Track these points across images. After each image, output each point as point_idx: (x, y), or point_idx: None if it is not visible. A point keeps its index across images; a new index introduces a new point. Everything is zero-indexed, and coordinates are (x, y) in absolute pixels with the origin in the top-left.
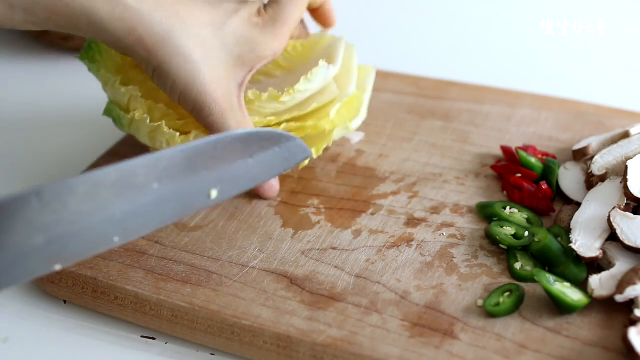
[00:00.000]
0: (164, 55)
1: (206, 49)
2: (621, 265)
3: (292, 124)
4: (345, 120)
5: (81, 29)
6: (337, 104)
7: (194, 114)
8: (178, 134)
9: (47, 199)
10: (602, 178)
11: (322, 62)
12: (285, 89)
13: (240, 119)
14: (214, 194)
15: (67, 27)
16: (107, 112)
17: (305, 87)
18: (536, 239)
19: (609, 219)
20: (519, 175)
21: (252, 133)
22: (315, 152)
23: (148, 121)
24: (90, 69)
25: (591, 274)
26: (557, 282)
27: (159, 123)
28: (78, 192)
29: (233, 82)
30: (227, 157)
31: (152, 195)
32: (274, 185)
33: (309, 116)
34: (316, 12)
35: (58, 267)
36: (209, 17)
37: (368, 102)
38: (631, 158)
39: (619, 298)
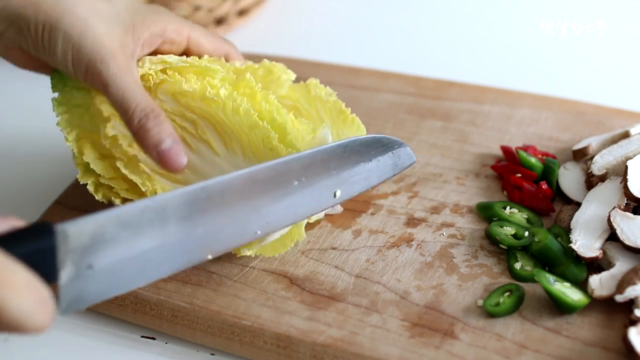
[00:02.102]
0: (50, 6)
1: (100, 15)
2: (621, 265)
3: None
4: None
5: None
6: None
7: (89, 75)
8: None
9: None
10: (602, 178)
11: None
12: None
13: (135, 83)
14: (338, 193)
15: None
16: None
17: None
18: (536, 239)
19: (609, 219)
20: (519, 175)
21: (375, 139)
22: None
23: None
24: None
25: (591, 274)
26: (557, 282)
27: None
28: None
29: (127, 49)
30: (351, 159)
31: (294, 191)
32: (179, 155)
33: None
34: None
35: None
36: None
37: None
38: (631, 158)
39: (619, 298)
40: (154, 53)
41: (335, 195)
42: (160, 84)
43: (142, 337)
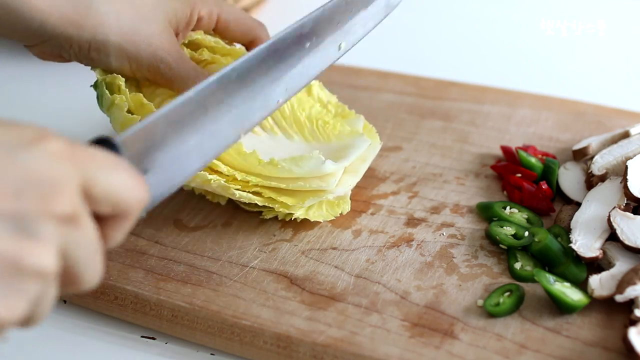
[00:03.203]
0: (93, 25)
1: (144, 17)
2: (621, 265)
3: (266, 191)
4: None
5: (0, 17)
6: (318, 198)
7: (151, 76)
8: None
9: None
10: (602, 178)
11: (316, 153)
12: (272, 158)
13: (193, 67)
14: (342, 45)
15: None
16: (95, 86)
17: (290, 166)
18: (536, 239)
19: (609, 219)
20: (519, 175)
21: None
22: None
23: (125, 109)
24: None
25: (591, 274)
26: (557, 282)
27: (135, 117)
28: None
29: (172, 34)
30: (352, 9)
31: (307, 54)
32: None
33: (286, 192)
34: (252, 44)
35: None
36: None
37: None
38: (631, 158)
39: (619, 298)
40: None
41: (339, 48)
42: (208, 63)
43: (142, 337)
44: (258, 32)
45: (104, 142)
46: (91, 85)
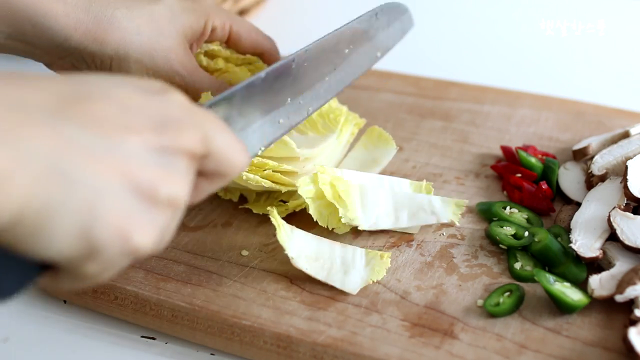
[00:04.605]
0: (115, 41)
1: (161, 31)
2: (621, 265)
3: (276, 175)
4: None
5: (26, 32)
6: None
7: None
8: None
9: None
10: (602, 178)
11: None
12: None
13: (206, 77)
14: (378, 54)
15: (10, 29)
16: None
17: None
18: (536, 239)
19: (609, 219)
20: (519, 175)
21: (389, 5)
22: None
23: None
24: None
25: (591, 274)
26: (557, 282)
27: None
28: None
29: (187, 47)
30: (383, 24)
31: (345, 56)
32: None
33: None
34: (262, 56)
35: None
36: None
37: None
38: (631, 158)
39: (619, 298)
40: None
41: (377, 57)
42: (222, 72)
43: (142, 337)
44: (268, 44)
45: None
46: None
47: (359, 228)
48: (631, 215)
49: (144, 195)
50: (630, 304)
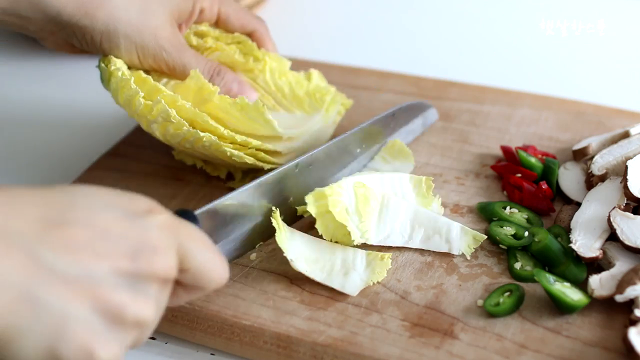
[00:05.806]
0: (105, 15)
1: (149, 10)
2: (621, 265)
3: (260, 153)
4: None
5: (20, 6)
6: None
7: (156, 64)
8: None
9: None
10: (602, 178)
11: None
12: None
13: (193, 55)
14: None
15: (6, 3)
16: (99, 65)
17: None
18: (536, 239)
19: (609, 219)
20: (519, 175)
21: (411, 104)
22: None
23: (127, 75)
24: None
25: (591, 274)
26: (557, 282)
27: (135, 89)
28: None
29: (175, 26)
30: (396, 127)
31: (357, 157)
32: (250, 91)
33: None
34: (251, 36)
35: None
36: None
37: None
38: (631, 158)
39: (619, 298)
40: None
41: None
42: (213, 51)
43: None
44: (257, 24)
45: (186, 214)
46: (96, 66)
47: (367, 243)
48: (631, 215)
49: (111, 317)
50: (630, 304)
